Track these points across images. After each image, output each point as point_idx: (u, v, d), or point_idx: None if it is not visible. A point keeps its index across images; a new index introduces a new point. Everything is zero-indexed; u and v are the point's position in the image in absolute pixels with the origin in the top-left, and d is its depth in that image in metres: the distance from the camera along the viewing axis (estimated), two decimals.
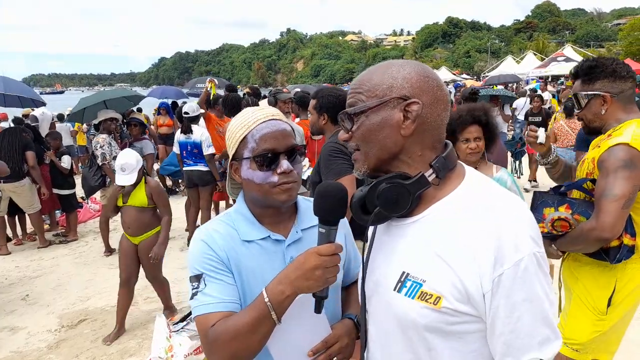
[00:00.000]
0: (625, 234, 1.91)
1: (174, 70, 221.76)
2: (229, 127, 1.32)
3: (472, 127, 2.52)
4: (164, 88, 17.84)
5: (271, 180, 1.24)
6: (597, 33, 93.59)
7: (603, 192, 1.87)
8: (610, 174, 1.87)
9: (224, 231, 1.28)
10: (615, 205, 1.83)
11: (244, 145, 1.26)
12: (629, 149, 1.86)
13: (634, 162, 1.85)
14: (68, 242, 6.58)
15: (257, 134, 1.25)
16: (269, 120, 1.27)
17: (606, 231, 1.84)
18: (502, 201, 0.96)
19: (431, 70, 1.03)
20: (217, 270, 1.22)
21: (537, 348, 0.91)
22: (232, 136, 1.29)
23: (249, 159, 1.25)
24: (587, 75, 2.06)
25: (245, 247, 1.27)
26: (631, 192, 1.84)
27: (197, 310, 1.19)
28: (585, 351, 2.07)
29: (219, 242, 1.25)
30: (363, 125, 1.01)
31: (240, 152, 1.27)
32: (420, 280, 0.96)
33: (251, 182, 1.26)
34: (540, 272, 0.91)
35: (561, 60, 24.27)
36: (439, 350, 0.97)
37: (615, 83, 2.01)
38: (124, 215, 3.86)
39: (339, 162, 2.62)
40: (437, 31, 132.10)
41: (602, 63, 2.04)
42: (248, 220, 1.31)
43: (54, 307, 4.61)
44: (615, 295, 2.00)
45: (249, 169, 1.26)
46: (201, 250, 1.24)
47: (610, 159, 1.89)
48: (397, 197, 0.98)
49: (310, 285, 1.09)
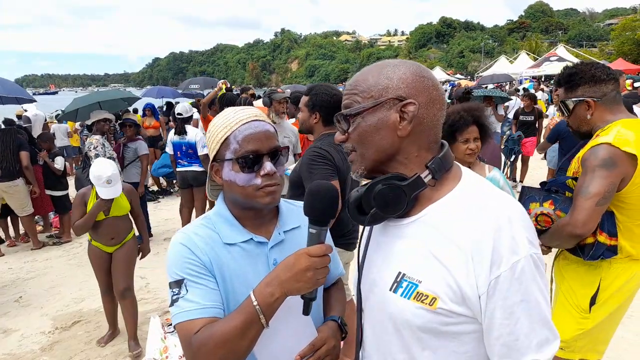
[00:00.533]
0: (600, 232, 1.94)
1: (168, 70, 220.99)
2: (210, 128, 1.28)
3: (471, 127, 2.51)
4: (159, 88, 17.83)
5: (254, 182, 1.22)
6: (590, 33, 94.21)
7: (580, 189, 1.92)
8: (588, 172, 1.91)
9: (205, 234, 1.25)
10: (588, 203, 1.87)
11: (226, 146, 1.23)
12: (610, 147, 1.89)
13: (613, 161, 1.88)
14: (62, 244, 6.55)
15: (240, 135, 1.22)
16: (251, 121, 1.23)
17: (578, 227, 1.89)
18: (498, 203, 0.95)
19: (427, 70, 1.03)
20: (199, 275, 1.18)
21: (535, 349, 0.91)
22: (214, 137, 1.26)
23: (231, 161, 1.22)
24: (568, 83, 2.10)
25: (227, 250, 1.24)
26: (607, 190, 1.87)
27: (179, 317, 1.15)
28: (571, 349, 2.09)
29: (200, 246, 1.22)
30: (359, 126, 1.01)
31: (222, 153, 1.24)
32: (416, 280, 0.96)
33: (233, 184, 1.23)
34: (537, 274, 0.91)
35: (554, 60, 24.40)
36: (434, 351, 0.97)
37: (596, 87, 2.04)
38: (105, 227, 3.54)
39: (321, 169, 2.56)
40: (431, 31, 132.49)
41: (580, 69, 2.08)
42: (229, 222, 1.28)
43: (47, 309, 4.58)
44: (599, 294, 2.02)
45: (231, 170, 1.23)
46: (182, 254, 1.20)
47: (590, 158, 1.93)
48: (393, 198, 0.98)
49: (301, 287, 1.07)
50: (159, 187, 9.15)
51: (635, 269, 2.03)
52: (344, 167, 2.66)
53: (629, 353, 3.32)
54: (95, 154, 5.57)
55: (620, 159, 1.88)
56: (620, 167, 1.88)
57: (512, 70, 26.61)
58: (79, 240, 6.64)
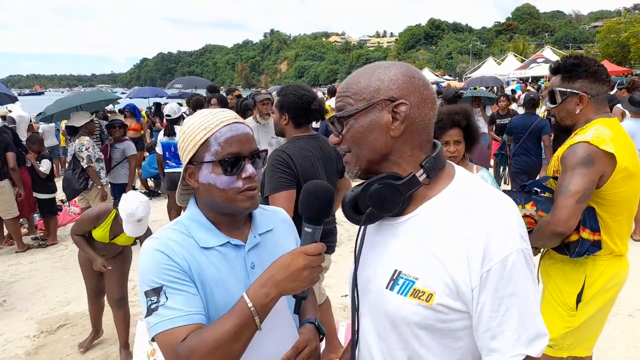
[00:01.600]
0: (583, 228, 1.96)
1: (156, 71, 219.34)
2: (184, 129, 1.24)
3: (451, 130, 2.50)
4: (150, 89, 17.78)
5: (236, 185, 1.20)
6: (576, 35, 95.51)
7: (560, 188, 1.94)
8: (568, 171, 1.93)
9: (180, 239, 1.21)
10: (569, 201, 1.89)
11: (205, 148, 1.20)
12: (589, 146, 1.91)
13: (592, 159, 1.90)
14: (47, 246, 6.45)
15: (222, 136, 1.20)
16: (232, 123, 1.22)
17: (560, 225, 1.91)
18: (491, 199, 0.98)
19: (417, 71, 1.05)
20: (179, 281, 1.14)
21: (524, 344, 0.92)
22: (190, 138, 1.22)
23: (211, 163, 1.20)
24: (568, 72, 2.05)
25: (204, 254, 1.21)
26: (586, 188, 1.89)
27: (160, 326, 1.10)
28: (560, 347, 2.10)
29: (177, 250, 1.18)
30: (353, 128, 1.02)
31: (200, 155, 1.21)
32: (413, 277, 0.97)
33: (213, 187, 1.21)
34: (527, 268, 0.93)
35: (541, 62, 24.67)
36: (430, 347, 0.99)
37: (595, 84, 2.03)
38: (102, 249, 3.44)
39: (278, 176, 2.50)
40: (420, 33, 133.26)
41: (585, 62, 2.04)
42: (204, 226, 1.25)
43: (32, 313, 4.51)
44: (585, 292, 2.04)
45: (211, 173, 1.20)
46: (158, 260, 1.15)
47: (569, 157, 1.95)
48: (389, 197, 0.99)
49: (297, 287, 1.07)
50: (146, 189, 9.07)
51: (618, 265, 2.06)
52: (310, 172, 2.60)
53: (614, 350, 3.36)
54: (87, 155, 5.52)
55: (598, 157, 1.90)
56: (599, 164, 1.90)
57: (499, 71, 26.84)
58: (65, 243, 6.55)
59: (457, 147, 2.53)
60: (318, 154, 2.70)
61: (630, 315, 3.86)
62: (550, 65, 2.23)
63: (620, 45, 33.99)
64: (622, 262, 2.08)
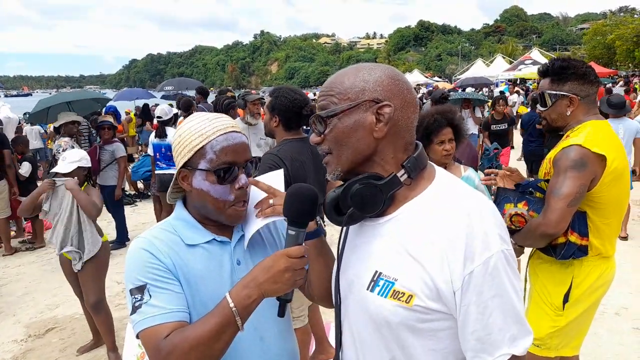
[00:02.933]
0: (572, 232, 1.98)
1: (145, 72, 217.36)
2: (180, 133, 1.25)
3: (446, 129, 2.58)
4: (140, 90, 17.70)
5: (228, 198, 1.22)
6: (563, 37, 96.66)
7: (552, 190, 1.95)
8: (560, 174, 1.94)
9: (166, 238, 1.23)
10: (560, 204, 1.91)
11: (200, 155, 1.20)
12: (581, 149, 1.92)
13: (584, 162, 1.91)
14: (35, 249, 6.38)
15: (218, 145, 1.20)
16: (229, 132, 1.23)
17: (550, 227, 1.92)
18: (471, 201, 0.98)
19: (400, 74, 1.06)
20: (163, 279, 1.16)
21: (508, 343, 0.93)
22: (186, 143, 1.22)
23: (205, 171, 1.21)
24: (557, 74, 2.06)
25: (190, 252, 1.23)
26: (578, 192, 1.91)
27: (143, 323, 1.11)
28: (547, 347, 2.12)
29: (162, 249, 1.19)
30: (336, 128, 1.01)
31: (195, 162, 1.21)
32: (393, 279, 0.97)
33: (206, 194, 1.22)
34: (509, 269, 0.94)
35: (529, 64, 24.89)
36: (412, 349, 0.99)
37: (584, 86, 2.04)
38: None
39: None
40: (410, 34, 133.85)
41: (573, 64, 2.05)
42: (190, 224, 1.27)
43: (20, 316, 4.46)
44: (572, 292, 2.06)
45: (204, 180, 1.21)
46: (143, 259, 1.17)
47: (562, 159, 1.96)
48: (370, 198, 0.99)
49: (278, 289, 1.08)
50: (136, 191, 9.00)
51: (605, 266, 2.08)
52: (301, 175, 2.61)
53: (602, 349, 3.40)
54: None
55: (590, 159, 1.92)
56: (591, 167, 1.92)
57: (488, 73, 27.05)
58: (53, 246, 6.48)
59: (452, 145, 2.61)
60: (308, 157, 2.71)
61: (617, 313, 3.91)
62: (538, 68, 2.23)
63: (607, 47, 34.48)
64: (609, 263, 2.10)
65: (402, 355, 1.00)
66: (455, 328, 0.97)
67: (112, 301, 4.35)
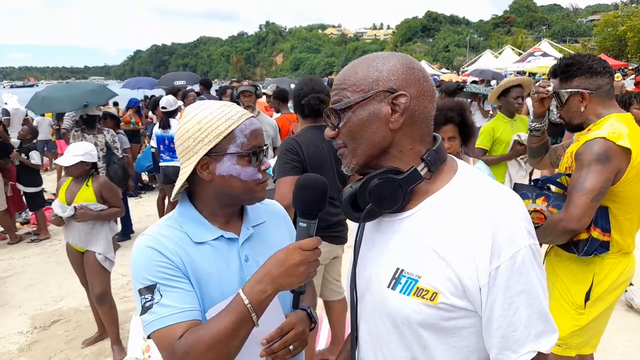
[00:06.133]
0: (594, 227, 1.95)
1: (149, 63, 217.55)
2: (198, 119, 1.20)
3: (445, 126, 2.45)
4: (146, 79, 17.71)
5: (257, 177, 1.24)
6: (573, 28, 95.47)
7: (575, 184, 1.92)
8: (584, 168, 1.91)
9: (173, 235, 1.20)
10: (584, 199, 1.87)
11: (230, 139, 1.19)
12: (605, 142, 1.88)
13: (608, 156, 1.87)
14: (40, 241, 6.39)
15: (247, 129, 1.22)
16: (251, 117, 1.26)
17: (572, 222, 1.89)
18: (496, 194, 0.95)
19: (416, 62, 1.02)
20: (173, 277, 1.14)
21: (534, 340, 0.91)
22: (210, 129, 1.19)
23: (234, 155, 1.20)
24: (564, 73, 2.08)
25: (197, 249, 1.21)
26: (602, 186, 1.87)
27: (156, 324, 1.09)
28: (568, 346, 2.10)
29: (170, 247, 1.17)
30: (350, 121, 0.98)
31: (223, 147, 1.19)
32: (416, 276, 0.94)
33: (235, 179, 1.21)
34: (535, 264, 0.91)
35: (538, 55, 24.53)
36: (434, 347, 0.96)
37: (592, 79, 2.02)
38: (71, 223, 3.39)
39: (286, 162, 2.64)
40: (417, 25, 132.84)
41: (577, 60, 2.06)
42: (197, 221, 1.24)
43: (25, 308, 4.46)
44: (593, 290, 2.03)
45: (235, 164, 1.20)
46: (151, 258, 1.15)
47: (585, 153, 1.92)
48: (389, 193, 0.96)
49: (293, 282, 1.07)
50: (141, 183, 9.00)
51: (625, 262, 2.05)
52: (318, 162, 2.71)
53: (610, 345, 3.35)
54: (115, 147, 5.46)
55: (615, 153, 1.88)
56: (615, 161, 1.88)
57: (497, 64, 26.75)
58: (58, 237, 6.49)
59: (451, 144, 2.48)
60: (327, 143, 2.74)
61: (627, 309, 3.86)
62: (548, 71, 2.26)
63: (617, 39, 34.03)
64: (629, 259, 2.07)
65: (423, 355, 0.97)
66: (479, 325, 0.94)
67: (116, 293, 4.35)
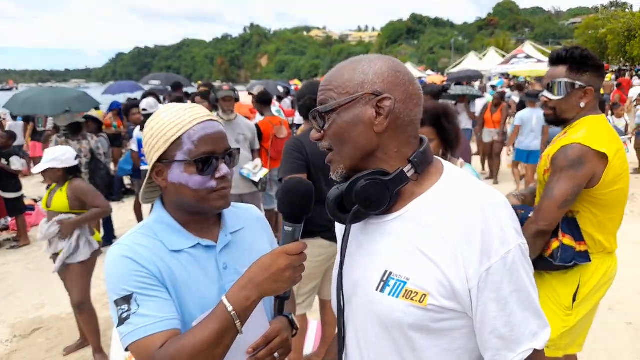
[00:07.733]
0: (564, 234, 1.97)
1: (132, 65, 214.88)
2: (152, 125, 1.19)
3: (424, 129, 2.30)
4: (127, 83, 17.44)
5: (209, 185, 1.16)
6: (555, 31, 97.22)
7: (546, 190, 1.95)
8: (556, 173, 1.93)
9: (148, 243, 1.17)
10: (552, 206, 1.92)
11: (177, 146, 1.15)
12: (581, 147, 1.88)
13: (582, 161, 1.87)
14: (20, 247, 6.25)
15: (195, 135, 1.15)
16: (206, 121, 1.17)
17: (540, 224, 1.93)
18: (484, 195, 0.95)
19: (402, 65, 1.02)
20: (149, 287, 1.10)
21: (530, 338, 0.91)
22: (159, 135, 1.16)
23: (183, 162, 1.15)
24: (577, 63, 1.95)
25: (174, 257, 1.17)
26: (571, 193, 1.90)
27: (134, 335, 1.05)
28: (556, 347, 2.10)
29: (145, 256, 1.13)
30: (335, 123, 0.98)
31: (171, 154, 1.16)
32: (404, 278, 0.94)
33: (184, 187, 1.16)
34: (525, 263, 0.92)
35: (522, 57, 24.83)
36: (424, 350, 0.95)
37: (599, 79, 2.01)
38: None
39: (290, 161, 2.70)
40: (402, 28, 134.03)
41: (592, 56, 1.96)
42: (173, 228, 1.21)
43: (5, 316, 4.36)
44: (580, 290, 2.04)
45: (183, 172, 1.15)
46: (126, 267, 1.11)
47: (560, 158, 1.92)
48: (376, 194, 0.95)
49: (279, 288, 1.04)
50: (123, 187, 8.85)
51: (610, 262, 2.08)
52: (320, 160, 2.71)
53: (595, 344, 3.37)
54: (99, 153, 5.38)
55: (589, 157, 1.88)
56: (589, 165, 1.88)
57: (481, 66, 27.02)
58: (38, 244, 6.35)
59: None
60: None
61: (610, 308, 3.90)
62: (552, 54, 2.08)
63: (598, 41, 34.61)
64: (612, 258, 2.09)
65: (414, 358, 0.96)
66: (469, 327, 0.94)
67: (99, 300, 4.26)
